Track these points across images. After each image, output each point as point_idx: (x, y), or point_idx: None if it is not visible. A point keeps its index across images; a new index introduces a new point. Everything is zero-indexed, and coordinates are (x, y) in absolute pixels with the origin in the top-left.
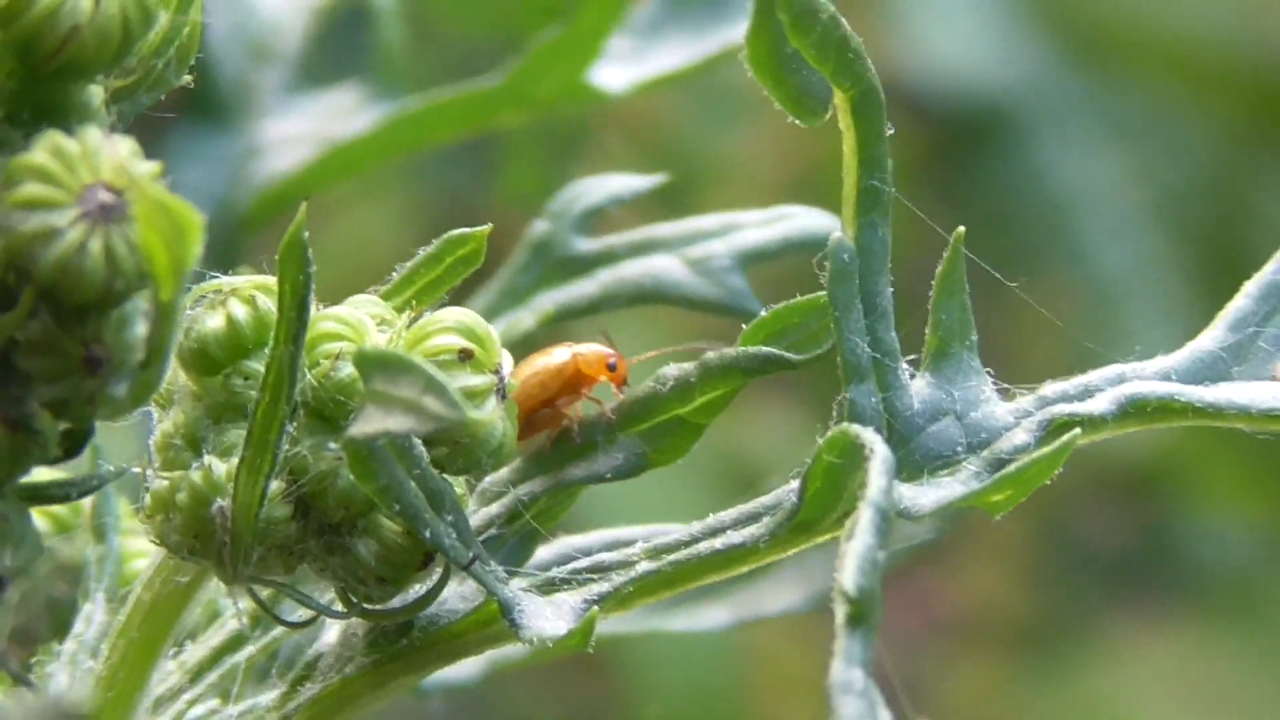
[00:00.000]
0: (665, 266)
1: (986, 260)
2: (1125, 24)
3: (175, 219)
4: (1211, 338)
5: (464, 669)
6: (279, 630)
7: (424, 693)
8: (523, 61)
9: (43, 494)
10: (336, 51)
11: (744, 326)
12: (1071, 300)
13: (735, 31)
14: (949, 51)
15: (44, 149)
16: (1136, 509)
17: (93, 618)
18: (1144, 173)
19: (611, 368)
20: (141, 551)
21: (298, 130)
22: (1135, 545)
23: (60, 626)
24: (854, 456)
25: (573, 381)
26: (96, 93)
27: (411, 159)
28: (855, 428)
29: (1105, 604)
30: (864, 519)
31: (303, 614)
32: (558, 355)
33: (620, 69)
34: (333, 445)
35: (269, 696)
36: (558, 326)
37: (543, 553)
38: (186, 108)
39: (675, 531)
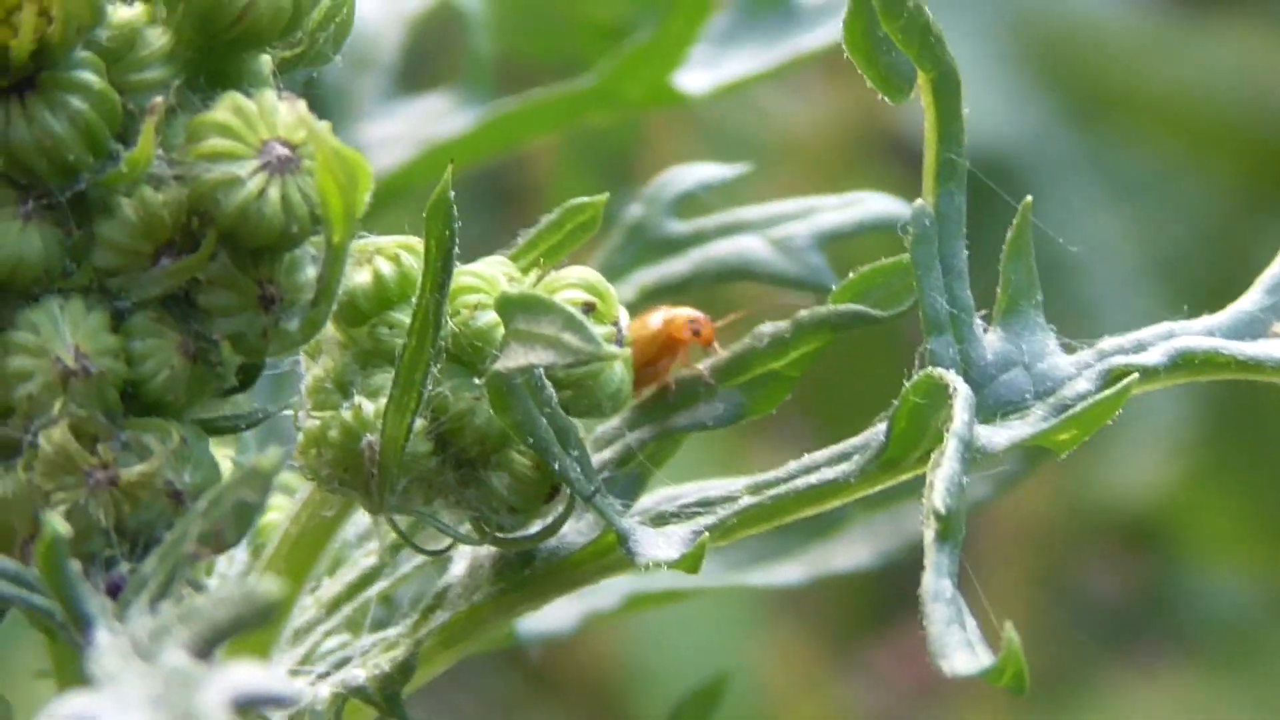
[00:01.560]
0: (750, 246)
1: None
2: (1126, 83)
3: (349, 167)
4: (1251, 300)
5: (560, 618)
6: (407, 567)
7: (522, 642)
8: (614, 64)
9: (216, 424)
10: (427, 62)
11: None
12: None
13: (805, 39)
14: None
15: (226, 107)
16: (1135, 560)
17: (235, 556)
18: (1144, 231)
19: (695, 332)
20: (274, 505)
21: (395, 132)
22: (1134, 596)
23: (245, 532)
24: (938, 396)
25: (667, 344)
26: (267, 62)
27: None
28: (939, 370)
29: (1104, 654)
30: (950, 448)
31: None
32: (652, 321)
33: (700, 73)
34: (476, 381)
35: (401, 627)
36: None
37: (646, 500)
38: None
39: (773, 473)
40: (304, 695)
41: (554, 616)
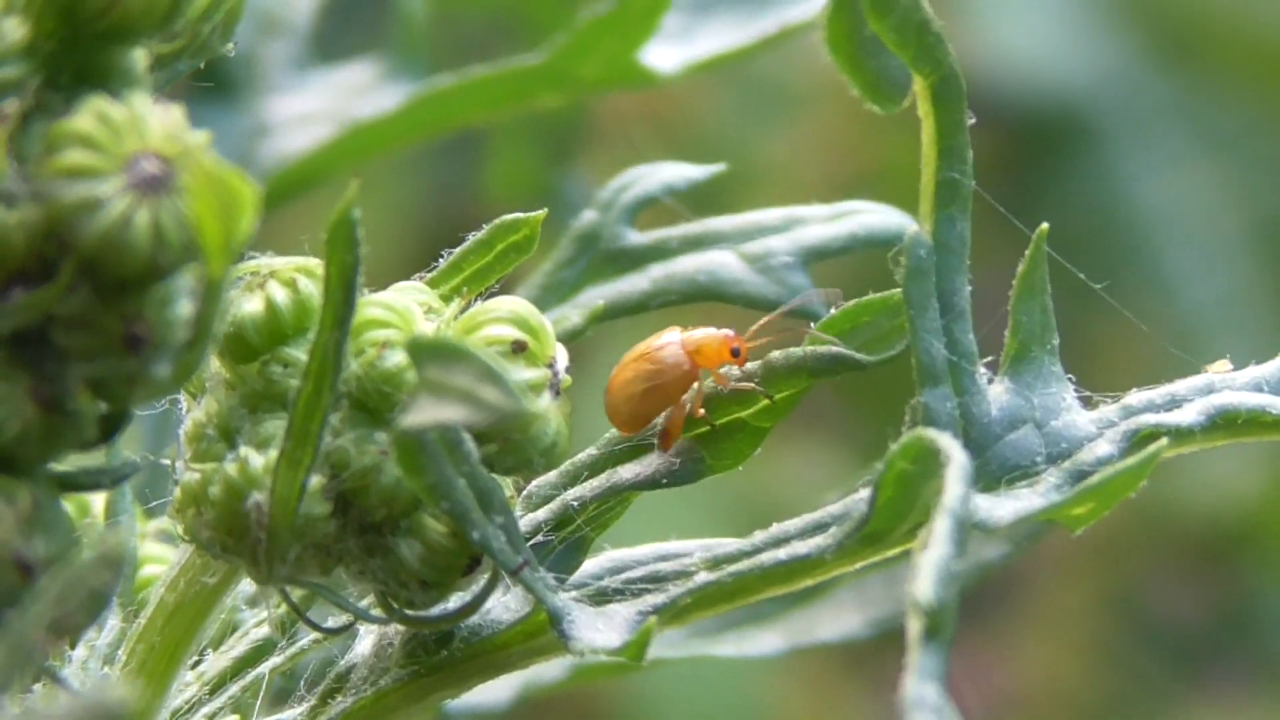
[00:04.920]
0: (722, 262)
1: (1055, 285)
2: (1222, 22)
3: (229, 191)
4: None
5: (495, 692)
6: (305, 641)
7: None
8: (568, 38)
9: (74, 481)
10: (350, 24)
11: (810, 327)
12: (1151, 335)
13: (792, 11)
14: (1020, 49)
15: (88, 114)
16: (1213, 577)
17: (106, 622)
18: (1240, 192)
19: (735, 353)
20: (154, 557)
21: (310, 108)
22: (1213, 619)
23: (97, 616)
24: (929, 463)
25: (693, 378)
26: (140, 57)
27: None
28: (931, 432)
29: (1179, 684)
30: (940, 528)
31: (335, 624)
32: (669, 358)
33: (670, 49)
34: (380, 437)
35: (295, 711)
36: (605, 326)
37: (588, 566)
38: (187, 82)
39: (735, 543)
40: None
41: (486, 690)
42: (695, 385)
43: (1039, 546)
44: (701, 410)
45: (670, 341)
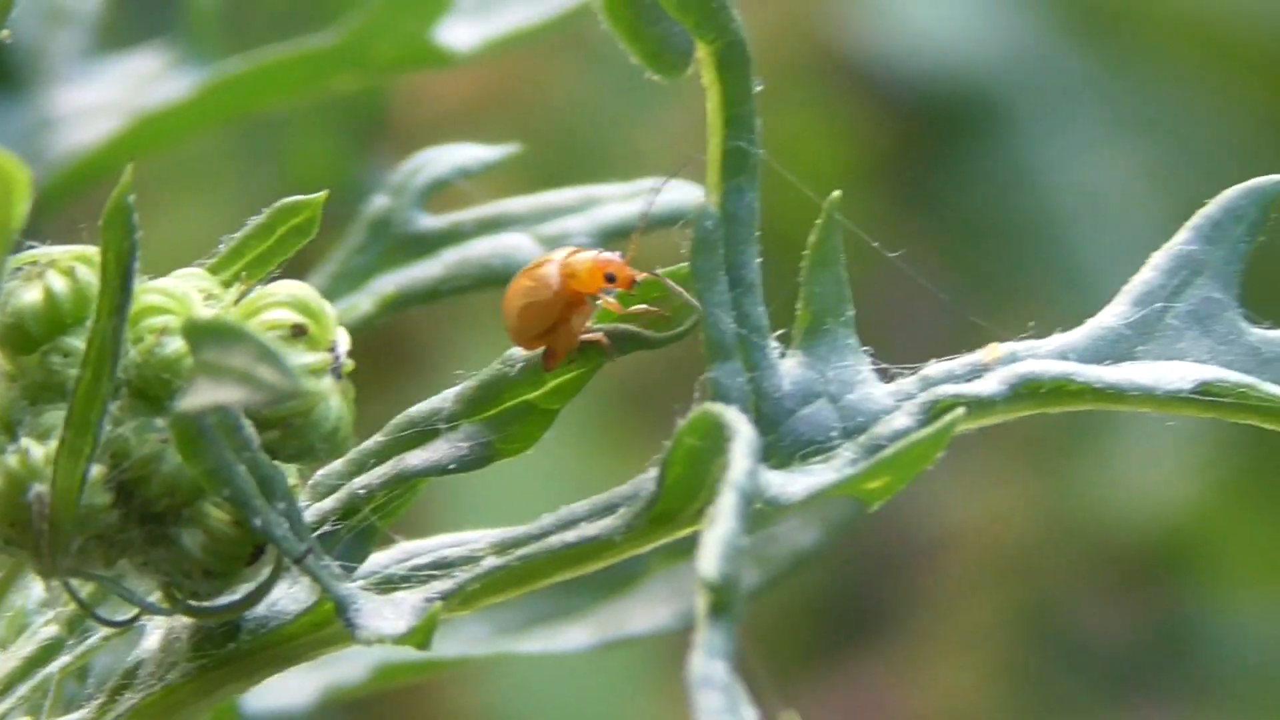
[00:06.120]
0: (516, 245)
1: (963, 281)
2: None
3: (3, 174)
4: (1114, 313)
5: (296, 696)
6: (94, 639)
7: None
8: (361, 18)
9: None
10: (142, 10)
11: None
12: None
13: None
14: (923, 25)
15: None
16: (1140, 595)
17: None
18: (1162, 173)
19: (610, 278)
20: None
21: (98, 99)
22: (1140, 637)
23: None
24: (718, 439)
25: (572, 302)
26: None
27: (239, 145)
28: (718, 407)
29: (1104, 707)
30: (725, 503)
31: (122, 619)
32: (544, 277)
33: (467, 26)
34: (160, 425)
35: (85, 710)
36: (399, 313)
37: (379, 558)
38: None
39: (524, 529)
40: None
41: (286, 692)
42: (582, 307)
43: (943, 557)
44: (593, 336)
45: (552, 260)
